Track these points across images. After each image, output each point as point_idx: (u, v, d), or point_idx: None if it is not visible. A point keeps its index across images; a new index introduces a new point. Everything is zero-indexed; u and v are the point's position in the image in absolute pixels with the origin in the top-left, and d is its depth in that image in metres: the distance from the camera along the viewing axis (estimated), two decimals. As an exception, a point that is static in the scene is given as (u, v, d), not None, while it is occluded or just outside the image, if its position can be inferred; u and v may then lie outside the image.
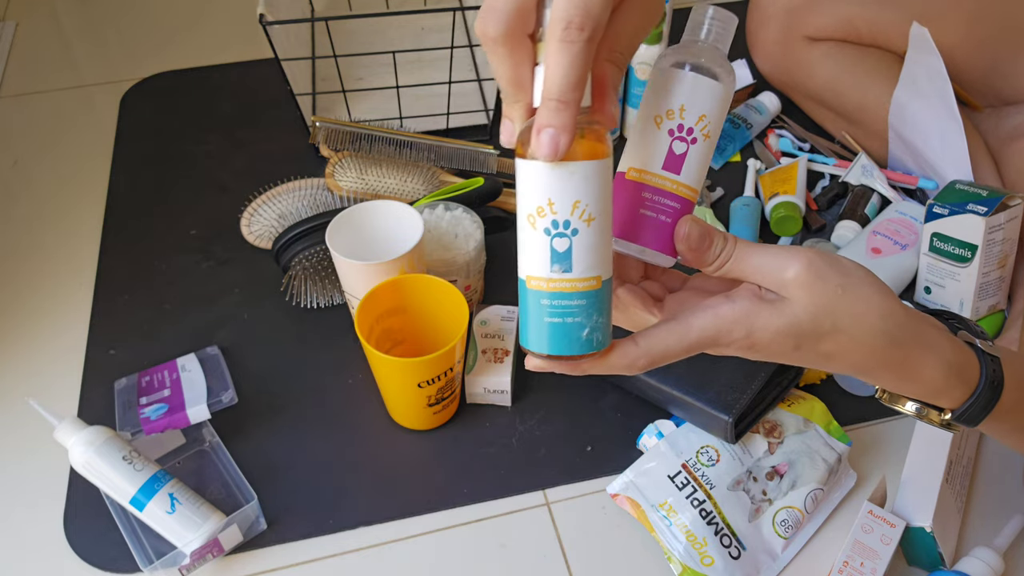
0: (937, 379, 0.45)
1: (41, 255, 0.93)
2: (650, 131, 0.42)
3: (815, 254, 0.42)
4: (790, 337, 0.42)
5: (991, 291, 0.81)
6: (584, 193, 0.38)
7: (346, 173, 0.90)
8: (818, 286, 0.41)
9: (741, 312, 0.42)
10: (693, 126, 0.42)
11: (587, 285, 0.39)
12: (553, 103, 0.36)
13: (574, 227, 0.38)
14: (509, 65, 0.37)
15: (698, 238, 0.42)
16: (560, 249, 0.39)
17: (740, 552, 0.66)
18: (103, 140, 1.06)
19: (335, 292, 0.84)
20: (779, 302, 0.42)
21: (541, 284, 0.40)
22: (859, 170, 0.94)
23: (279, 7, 0.96)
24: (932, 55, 0.83)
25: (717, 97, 0.42)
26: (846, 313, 0.42)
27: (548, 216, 0.38)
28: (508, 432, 0.76)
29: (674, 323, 0.42)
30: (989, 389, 0.46)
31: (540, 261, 0.39)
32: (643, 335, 0.42)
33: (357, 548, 0.69)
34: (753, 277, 0.43)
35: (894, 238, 0.85)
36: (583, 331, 0.40)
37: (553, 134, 0.36)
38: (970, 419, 0.47)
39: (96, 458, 0.65)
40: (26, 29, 1.25)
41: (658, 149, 0.42)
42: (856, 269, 0.43)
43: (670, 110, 0.41)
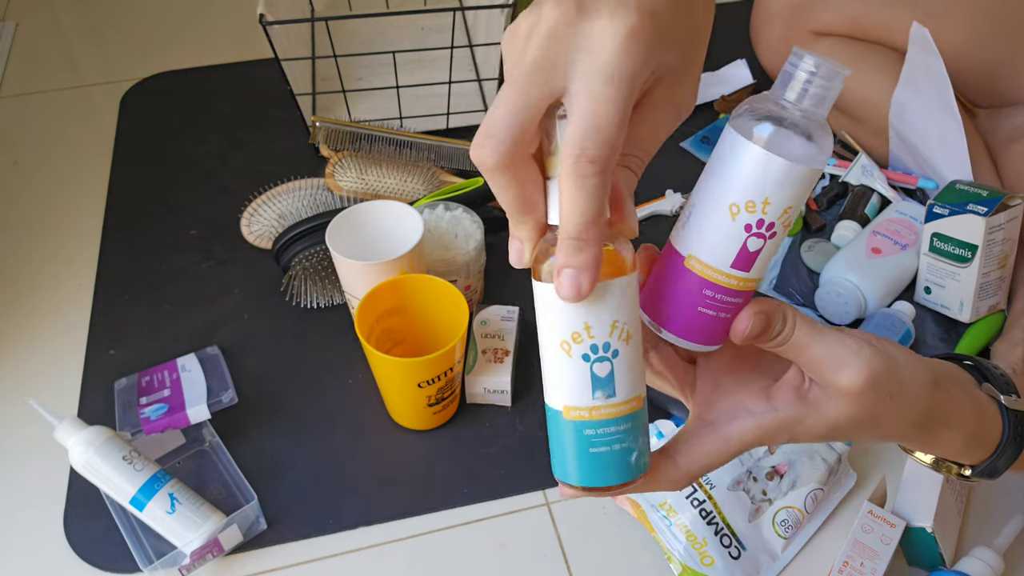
0: (956, 449, 0.45)
1: (41, 255, 0.93)
2: (721, 219, 0.35)
3: (876, 359, 0.39)
4: (829, 436, 0.41)
5: (991, 291, 0.81)
6: (620, 312, 0.35)
7: (346, 173, 0.90)
8: (870, 398, 0.39)
9: (785, 422, 0.40)
10: (775, 220, 0.35)
11: (632, 407, 0.36)
12: (572, 242, 0.33)
13: (614, 349, 0.35)
14: (513, 190, 0.34)
15: (759, 332, 0.38)
16: (602, 375, 0.35)
17: (740, 552, 0.66)
18: (103, 140, 1.06)
19: (335, 292, 0.84)
20: (823, 404, 0.40)
21: (583, 414, 0.36)
22: (859, 170, 0.94)
23: (279, 7, 0.96)
24: (932, 55, 0.83)
25: (809, 184, 0.35)
26: (889, 417, 0.40)
27: (586, 341, 0.35)
28: (508, 432, 0.76)
29: (712, 434, 0.40)
30: (1012, 447, 0.45)
31: (579, 389, 0.36)
32: (683, 454, 0.40)
33: (357, 548, 0.69)
34: (806, 367, 0.40)
35: (894, 238, 0.85)
36: (631, 456, 0.37)
37: (575, 275, 0.33)
38: (990, 474, 0.46)
39: (96, 458, 0.65)
40: (26, 29, 1.25)
41: (729, 245, 0.36)
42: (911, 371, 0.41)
43: (750, 202, 0.35)
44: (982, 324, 0.82)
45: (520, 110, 0.32)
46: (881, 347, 0.40)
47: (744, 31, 1.06)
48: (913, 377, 0.41)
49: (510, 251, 0.36)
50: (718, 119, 1.05)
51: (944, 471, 0.47)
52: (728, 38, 1.12)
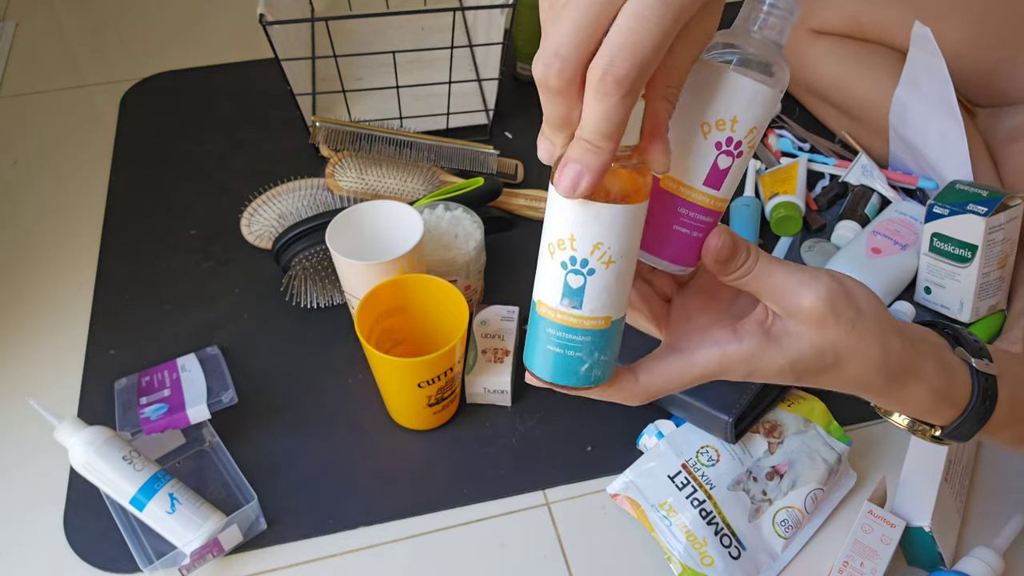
0: (923, 405, 0.45)
1: (41, 255, 0.93)
2: (694, 140, 0.38)
3: (834, 284, 0.41)
4: (792, 372, 0.42)
5: (991, 291, 0.81)
6: (608, 236, 0.36)
7: (346, 173, 0.90)
8: (830, 322, 0.40)
9: (747, 352, 0.41)
10: (743, 139, 0.38)
11: (593, 324, 0.38)
12: (584, 143, 0.34)
13: (591, 267, 0.37)
14: (563, 109, 0.34)
15: (728, 252, 0.40)
16: (573, 285, 0.38)
17: (740, 552, 0.66)
18: (103, 140, 1.06)
19: (335, 292, 0.84)
20: (785, 339, 0.41)
21: (549, 313, 0.39)
22: (859, 170, 0.94)
23: (279, 7, 0.96)
24: (934, 55, 0.83)
25: (771, 106, 0.38)
26: (851, 351, 0.41)
27: (567, 251, 0.37)
28: (508, 432, 0.76)
29: (677, 357, 0.42)
30: (979, 409, 0.46)
31: (552, 291, 0.38)
32: (644, 369, 0.42)
33: (357, 548, 0.69)
34: (767, 297, 0.41)
35: (894, 238, 0.85)
36: (582, 366, 0.39)
37: (577, 171, 0.34)
38: (959, 436, 0.47)
39: (96, 458, 0.65)
40: (26, 29, 1.25)
41: (702, 163, 0.39)
42: (868, 303, 0.42)
43: (720, 120, 0.38)
44: (982, 324, 0.82)
45: (591, 25, 0.32)
46: (841, 277, 0.42)
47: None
48: (872, 310, 0.42)
49: (540, 146, 0.36)
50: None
51: (919, 433, 0.48)
52: (728, 38, 1.12)
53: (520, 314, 0.80)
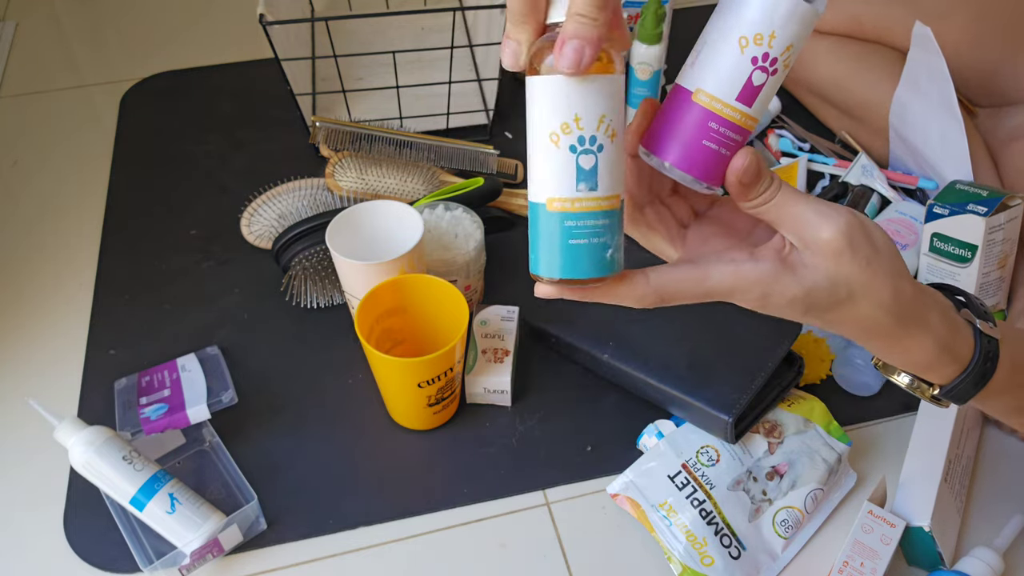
0: (926, 356, 0.46)
1: (41, 255, 0.93)
2: (730, 53, 0.38)
3: (853, 220, 0.41)
4: (803, 304, 0.42)
5: (991, 291, 0.81)
6: (608, 108, 0.37)
7: (346, 173, 0.90)
8: (847, 256, 0.41)
9: (763, 275, 0.41)
10: (779, 56, 0.38)
11: (611, 204, 0.38)
12: (579, 18, 0.35)
13: (600, 143, 0.37)
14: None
15: (754, 174, 0.40)
16: (587, 167, 0.37)
17: (740, 552, 0.66)
18: (103, 140, 1.06)
19: (335, 292, 0.84)
20: (800, 269, 0.41)
21: (566, 205, 0.38)
22: (859, 170, 0.94)
23: (279, 7, 0.96)
24: (934, 55, 0.83)
25: (810, 23, 0.38)
26: (864, 287, 0.42)
27: (574, 132, 0.37)
28: (508, 432, 0.76)
29: (692, 267, 0.42)
30: (979, 370, 0.46)
31: (565, 181, 0.38)
32: (657, 272, 0.41)
33: (357, 548, 0.69)
34: (786, 226, 0.41)
35: (894, 238, 0.85)
36: (607, 251, 0.39)
37: (578, 46, 0.35)
38: (958, 396, 0.48)
39: (96, 458, 0.65)
40: (26, 29, 1.25)
41: (737, 77, 0.38)
42: (885, 243, 0.42)
43: (759, 35, 0.37)
44: (982, 324, 0.82)
45: None
46: (859, 215, 0.42)
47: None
48: (888, 251, 0.42)
49: (504, 54, 0.37)
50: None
51: (919, 392, 0.48)
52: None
53: (520, 315, 0.80)
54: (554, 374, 0.79)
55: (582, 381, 0.79)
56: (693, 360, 0.71)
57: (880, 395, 0.77)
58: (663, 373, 0.71)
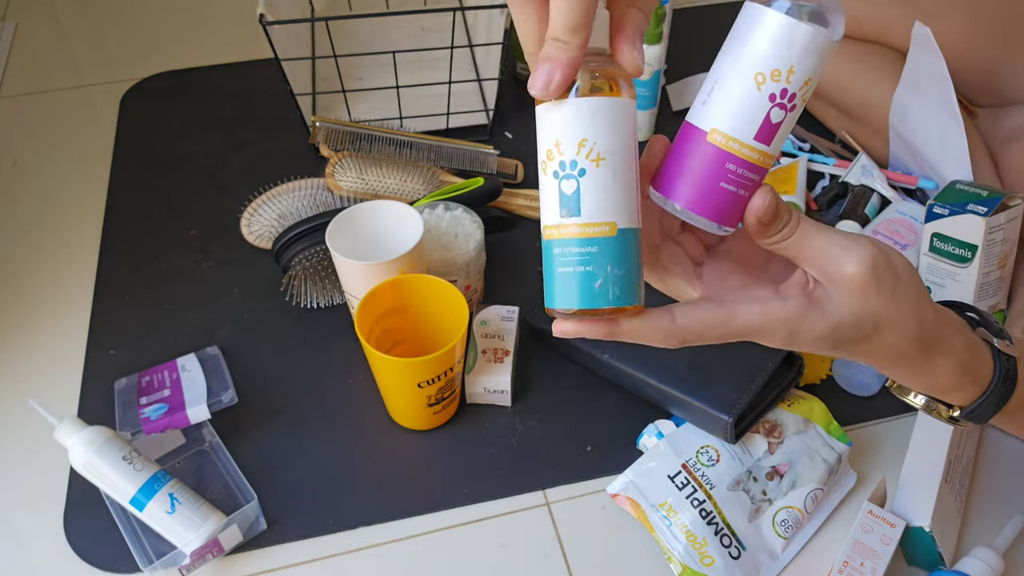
0: (950, 379, 0.45)
1: (41, 255, 0.93)
2: (747, 90, 0.36)
3: (877, 252, 0.40)
4: (831, 340, 0.41)
5: (991, 291, 0.81)
6: (590, 131, 0.35)
7: (346, 173, 0.90)
8: (872, 290, 0.40)
9: (791, 314, 0.40)
10: (797, 92, 0.36)
11: (597, 231, 0.36)
12: (553, 42, 0.35)
13: (581, 167, 0.36)
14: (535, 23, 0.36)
15: (772, 213, 0.39)
16: (568, 192, 0.36)
17: (740, 552, 0.66)
18: (103, 140, 1.06)
19: (335, 292, 0.84)
20: (827, 304, 0.40)
21: (552, 232, 0.37)
22: (859, 170, 0.94)
23: (279, 7, 0.96)
24: (934, 55, 0.83)
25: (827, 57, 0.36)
26: (890, 320, 0.41)
27: (556, 158, 0.36)
28: (508, 432, 0.76)
29: (717, 308, 0.40)
30: (1000, 390, 0.46)
31: (551, 208, 0.37)
32: (682, 311, 0.40)
33: (357, 548, 0.69)
34: (808, 262, 0.40)
35: (894, 238, 0.85)
36: (595, 282, 0.37)
37: (548, 68, 0.35)
38: (978, 417, 0.47)
39: (96, 458, 0.65)
40: (26, 29, 1.25)
41: (755, 115, 0.37)
42: (906, 271, 0.42)
43: (776, 71, 0.36)
44: (982, 324, 0.82)
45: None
46: (881, 244, 0.41)
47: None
48: (910, 279, 0.41)
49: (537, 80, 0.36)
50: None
51: (935, 414, 0.48)
52: (728, 38, 1.12)
53: (520, 315, 0.80)
54: (554, 374, 0.79)
55: (582, 381, 0.79)
56: (693, 360, 0.71)
57: (880, 395, 0.77)
58: (663, 373, 0.71)
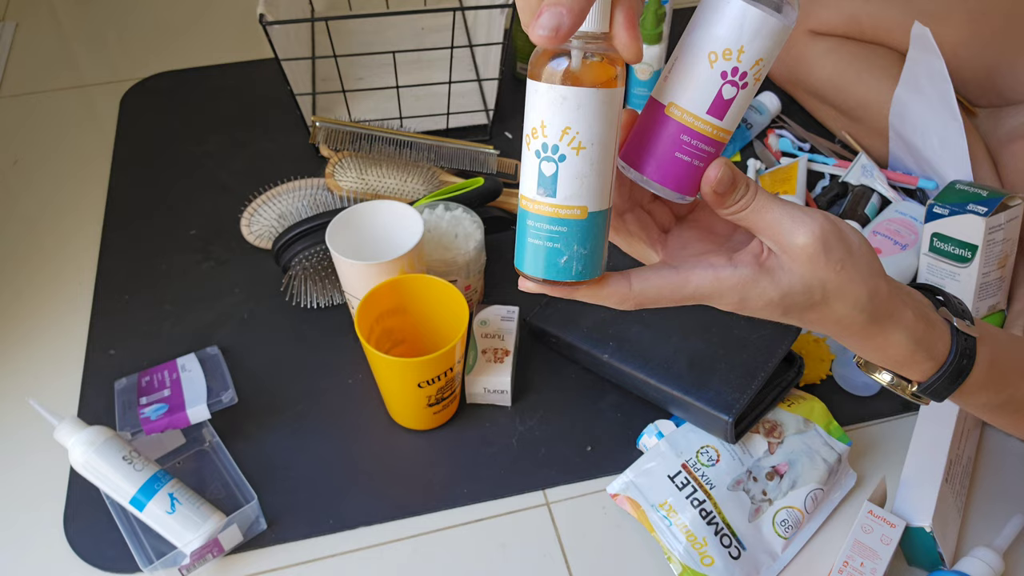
0: (902, 352, 0.47)
1: (41, 255, 0.93)
2: (700, 68, 0.39)
3: (827, 224, 0.42)
4: (780, 306, 0.43)
5: (991, 291, 0.81)
6: (576, 121, 0.37)
7: (346, 173, 0.90)
8: (821, 260, 0.42)
9: (741, 280, 0.42)
10: (748, 70, 0.39)
11: (569, 214, 0.39)
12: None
13: (562, 153, 0.38)
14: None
15: (728, 183, 0.41)
16: (547, 173, 0.39)
17: (740, 552, 0.66)
18: (103, 140, 1.06)
19: (335, 292, 0.84)
20: (777, 272, 0.43)
21: (527, 204, 0.40)
22: (859, 170, 0.94)
23: (279, 7, 0.96)
24: (933, 55, 0.83)
25: (779, 40, 0.38)
26: (839, 289, 0.43)
27: (540, 138, 0.38)
28: (508, 432, 0.76)
29: (672, 272, 0.43)
30: (956, 366, 0.48)
31: (529, 182, 0.39)
32: (638, 276, 0.43)
33: (357, 548, 0.69)
34: (763, 232, 0.43)
35: (894, 238, 0.85)
36: (560, 258, 0.40)
37: (558, 12, 0.34)
38: (935, 393, 0.49)
39: (96, 458, 0.65)
40: (26, 29, 1.25)
41: (707, 91, 0.39)
42: (860, 245, 0.44)
43: (728, 50, 0.38)
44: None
45: None
46: (834, 219, 0.43)
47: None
48: (862, 252, 0.43)
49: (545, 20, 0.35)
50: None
51: (899, 390, 0.50)
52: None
53: (520, 315, 0.80)
54: (554, 374, 0.79)
55: (582, 381, 0.79)
56: (693, 360, 0.71)
57: (880, 395, 0.77)
58: (663, 373, 0.71)
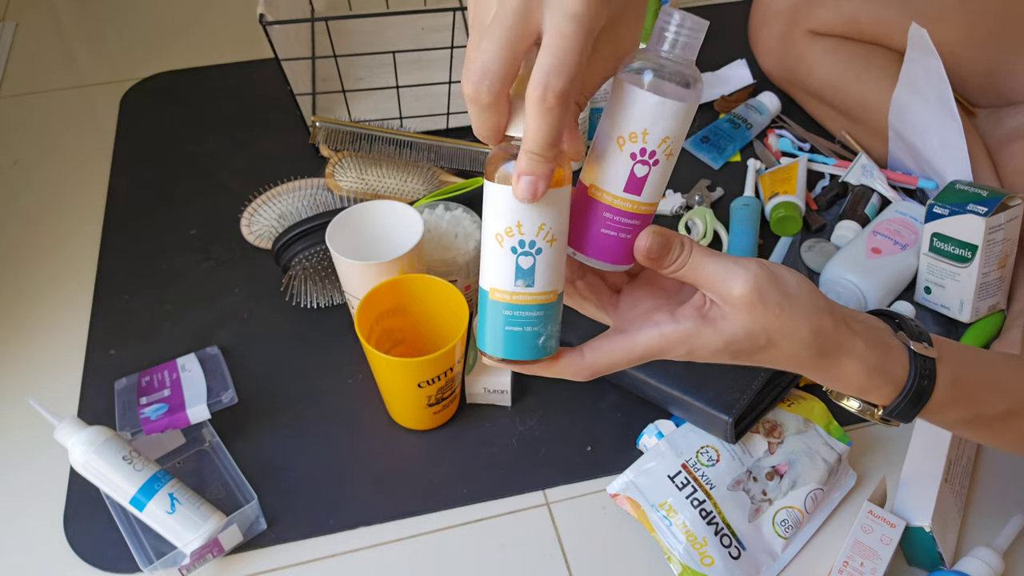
0: (860, 380, 0.48)
1: (41, 255, 0.93)
2: (612, 151, 0.42)
3: (761, 272, 0.44)
4: (727, 351, 0.45)
5: (991, 291, 0.81)
6: (549, 218, 0.41)
7: (346, 173, 0.90)
8: (759, 308, 0.44)
9: (684, 333, 0.45)
10: (656, 149, 0.41)
11: (546, 298, 0.43)
12: (533, 156, 0.38)
13: (539, 247, 0.42)
14: (492, 121, 0.39)
15: (658, 249, 0.43)
16: (525, 267, 0.42)
17: (740, 552, 0.66)
18: (103, 140, 1.06)
19: (335, 292, 0.84)
20: (720, 321, 0.45)
21: (505, 297, 0.43)
22: (859, 170, 0.94)
23: (279, 7, 0.96)
24: (931, 56, 0.83)
25: (681, 117, 0.41)
26: (781, 332, 0.45)
27: (516, 236, 0.41)
28: (508, 432, 0.76)
29: (620, 337, 0.45)
30: (917, 388, 0.49)
31: (505, 276, 0.42)
32: (591, 348, 0.46)
33: (357, 548, 0.69)
34: (703, 286, 0.45)
35: (894, 238, 0.85)
36: (539, 339, 0.44)
37: (532, 182, 0.39)
38: (901, 415, 0.50)
39: (96, 458, 0.65)
40: (26, 29, 1.25)
41: (620, 171, 0.42)
42: (798, 287, 0.46)
43: (633, 133, 0.41)
44: (982, 324, 0.82)
45: (511, 44, 0.37)
46: (769, 265, 0.45)
47: (744, 31, 1.06)
48: (801, 295, 0.45)
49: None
50: (718, 119, 1.05)
51: (869, 415, 0.51)
52: (728, 38, 1.12)
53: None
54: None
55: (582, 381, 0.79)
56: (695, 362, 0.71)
57: (880, 395, 0.77)
58: (663, 373, 0.71)
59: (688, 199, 0.95)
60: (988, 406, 0.52)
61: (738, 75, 1.10)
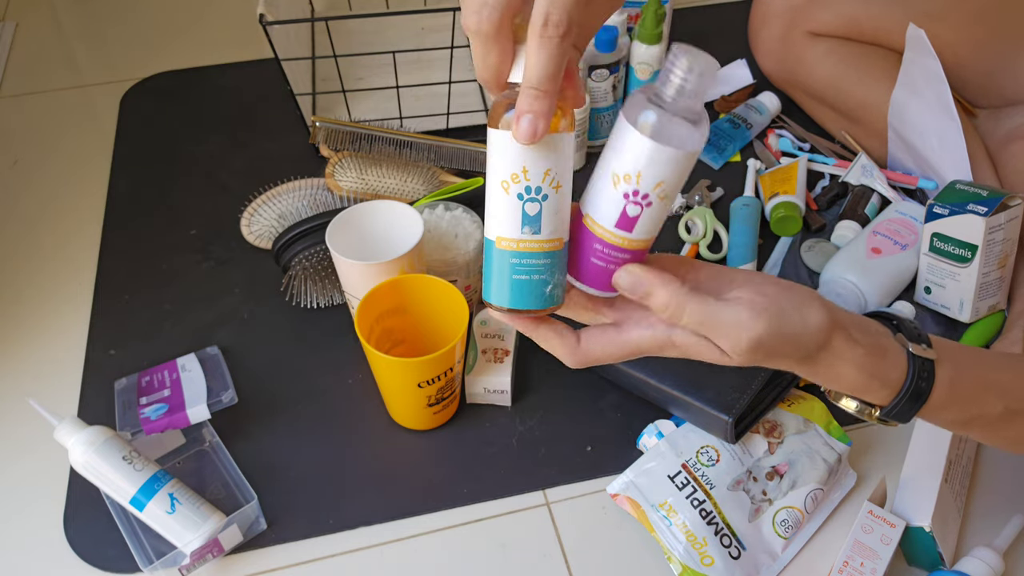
0: (856, 382, 0.48)
1: (41, 255, 0.93)
2: (606, 186, 0.42)
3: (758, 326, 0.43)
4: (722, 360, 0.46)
5: (991, 291, 0.81)
6: (554, 163, 0.41)
7: (346, 173, 0.90)
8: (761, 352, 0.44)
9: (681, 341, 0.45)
10: (649, 192, 0.41)
11: (552, 246, 0.43)
12: (533, 91, 0.38)
13: (544, 193, 0.41)
14: (495, 57, 0.39)
15: (632, 290, 0.43)
16: (531, 213, 0.42)
17: (740, 552, 0.66)
18: (103, 140, 1.06)
19: (335, 292, 0.84)
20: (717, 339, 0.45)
21: (512, 244, 0.42)
22: (859, 170, 0.94)
23: (279, 7, 0.96)
24: (929, 56, 0.83)
25: (679, 163, 0.41)
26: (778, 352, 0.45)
27: (522, 182, 0.41)
28: (508, 432, 0.76)
29: (616, 331, 0.46)
30: (915, 389, 0.49)
31: (511, 223, 0.42)
32: (587, 337, 0.46)
33: (357, 548, 0.69)
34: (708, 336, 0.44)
35: (894, 238, 0.85)
36: (546, 287, 0.43)
37: (532, 120, 0.38)
38: (899, 415, 0.50)
39: (96, 458, 0.65)
40: (26, 29, 1.25)
41: (612, 208, 0.42)
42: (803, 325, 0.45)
43: (627, 174, 0.41)
44: (982, 324, 0.82)
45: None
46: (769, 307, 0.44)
47: (744, 31, 1.06)
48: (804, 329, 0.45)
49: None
50: (718, 119, 1.05)
51: (866, 416, 0.52)
52: (728, 38, 1.12)
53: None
54: (554, 374, 0.79)
55: (582, 381, 0.79)
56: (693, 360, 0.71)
57: (880, 395, 0.77)
58: (663, 373, 0.71)
59: (688, 199, 0.95)
60: (987, 406, 0.52)
61: (738, 75, 1.10)
